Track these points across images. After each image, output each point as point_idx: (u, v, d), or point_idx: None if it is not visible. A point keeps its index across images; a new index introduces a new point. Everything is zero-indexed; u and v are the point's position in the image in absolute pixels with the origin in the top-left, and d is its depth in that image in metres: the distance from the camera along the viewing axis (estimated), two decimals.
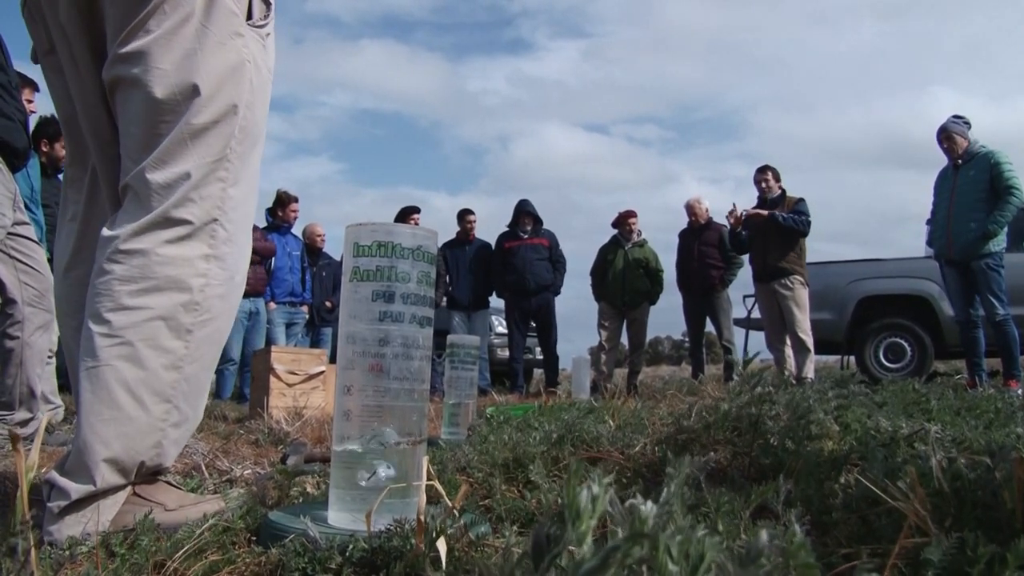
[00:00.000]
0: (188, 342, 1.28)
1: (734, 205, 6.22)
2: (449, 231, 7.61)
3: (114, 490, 1.24)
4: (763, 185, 6.18)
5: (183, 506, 1.32)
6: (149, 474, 1.31)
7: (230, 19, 1.34)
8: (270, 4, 1.43)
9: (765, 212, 5.94)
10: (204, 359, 1.33)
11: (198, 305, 1.29)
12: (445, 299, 7.36)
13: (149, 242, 1.25)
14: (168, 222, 1.27)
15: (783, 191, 6.17)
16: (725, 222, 6.49)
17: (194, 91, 1.29)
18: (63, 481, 1.21)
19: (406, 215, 7.18)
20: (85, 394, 1.22)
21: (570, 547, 0.49)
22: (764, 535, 0.49)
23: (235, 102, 1.33)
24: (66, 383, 3.08)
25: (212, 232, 1.31)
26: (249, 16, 1.38)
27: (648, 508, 0.47)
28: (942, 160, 5.47)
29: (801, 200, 6.02)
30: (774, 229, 5.91)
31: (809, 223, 5.92)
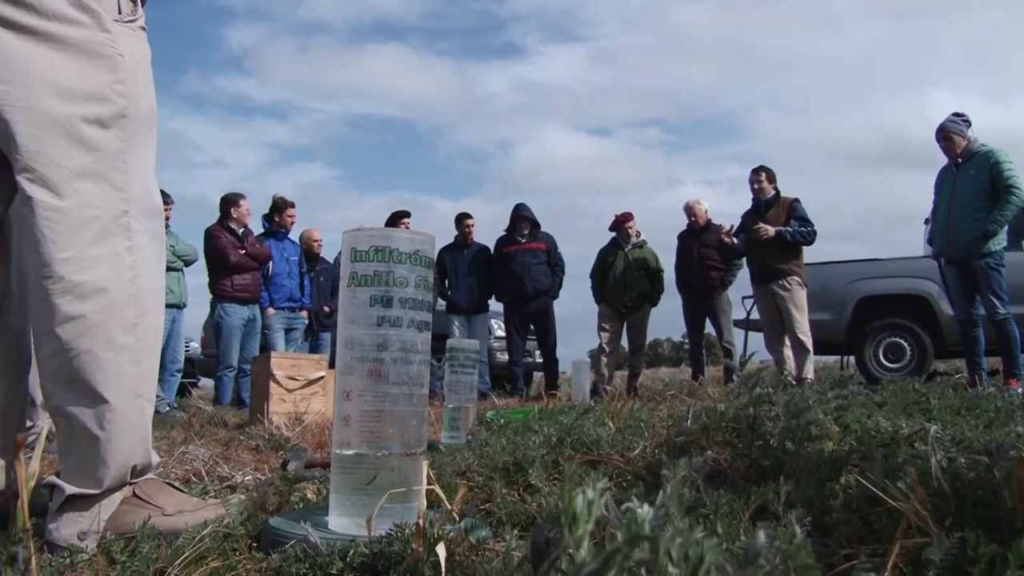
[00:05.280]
0: (137, 336, 1.31)
1: (720, 226, 6.37)
2: (451, 236, 7.60)
3: (110, 491, 1.27)
4: (756, 186, 6.17)
5: (182, 511, 1.32)
6: (142, 473, 1.33)
7: (99, 21, 1.31)
8: (136, 1, 1.43)
9: (772, 230, 5.88)
10: (153, 350, 1.36)
11: (135, 297, 1.31)
12: (444, 303, 7.34)
13: (72, 249, 1.25)
14: (82, 224, 1.26)
15: (777, 192, 6.15)
16: (724, 224, 6.51)
17: (77, 92, 1.27)
18: (63, 483, 1.23)
19: (396, 219, 7.14)
20: (67, 406, 1.24)
21: (569, 551, 0.49)
22: (762, 535, 0.49)
23: (114, 96, 1.32)
24: None
25: (126, 225, 1.32)
26: (119, 12, 1.37)
27: (645, 511, 0.47)
28: (943, 159, 5.46)
29: (796, 201, 6.00)
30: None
31: (815, 233, 5.90)
